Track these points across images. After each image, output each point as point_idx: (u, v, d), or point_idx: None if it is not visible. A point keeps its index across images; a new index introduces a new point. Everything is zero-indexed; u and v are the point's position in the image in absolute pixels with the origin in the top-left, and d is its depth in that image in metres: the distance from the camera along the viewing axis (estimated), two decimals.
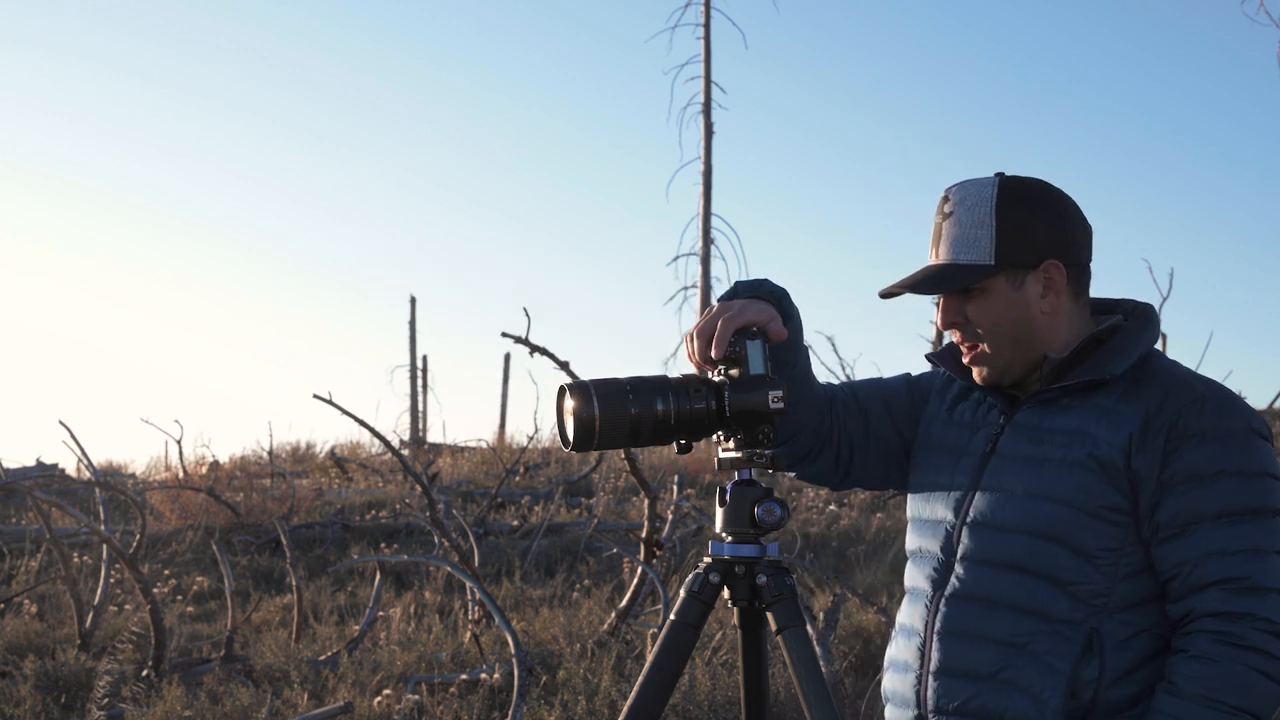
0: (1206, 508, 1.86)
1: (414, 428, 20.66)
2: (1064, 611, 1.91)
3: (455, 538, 6.71)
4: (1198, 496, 1.87)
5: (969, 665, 1.95)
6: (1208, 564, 1.85)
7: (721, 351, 1.89)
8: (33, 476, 9.92)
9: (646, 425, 1.91)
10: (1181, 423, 1.89)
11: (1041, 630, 1.91)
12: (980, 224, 1.97)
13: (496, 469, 13.45)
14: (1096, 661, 1.89)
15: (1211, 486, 1.87)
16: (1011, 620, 1.93)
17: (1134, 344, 1.98)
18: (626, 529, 9.65)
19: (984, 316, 1.99)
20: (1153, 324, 2.03)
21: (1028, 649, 1.91)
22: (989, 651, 1.94)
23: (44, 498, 6.80)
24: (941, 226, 2.02)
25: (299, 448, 16.39)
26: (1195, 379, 1.96)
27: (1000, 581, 1.94)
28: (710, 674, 5.10)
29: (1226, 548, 1.84)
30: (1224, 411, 1.90)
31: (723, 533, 1.96)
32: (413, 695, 5.10)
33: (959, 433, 2.09)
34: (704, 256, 21.14)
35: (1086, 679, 1.89)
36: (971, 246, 1.97)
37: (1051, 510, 1.91)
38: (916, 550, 2.10)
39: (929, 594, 2.02)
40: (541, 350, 5.19)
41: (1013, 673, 1.91)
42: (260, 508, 10.80)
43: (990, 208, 1.98)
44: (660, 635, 1.95)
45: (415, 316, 21.67)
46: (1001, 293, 1.98)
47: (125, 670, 5.81)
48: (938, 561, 2.03)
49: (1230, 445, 1.88)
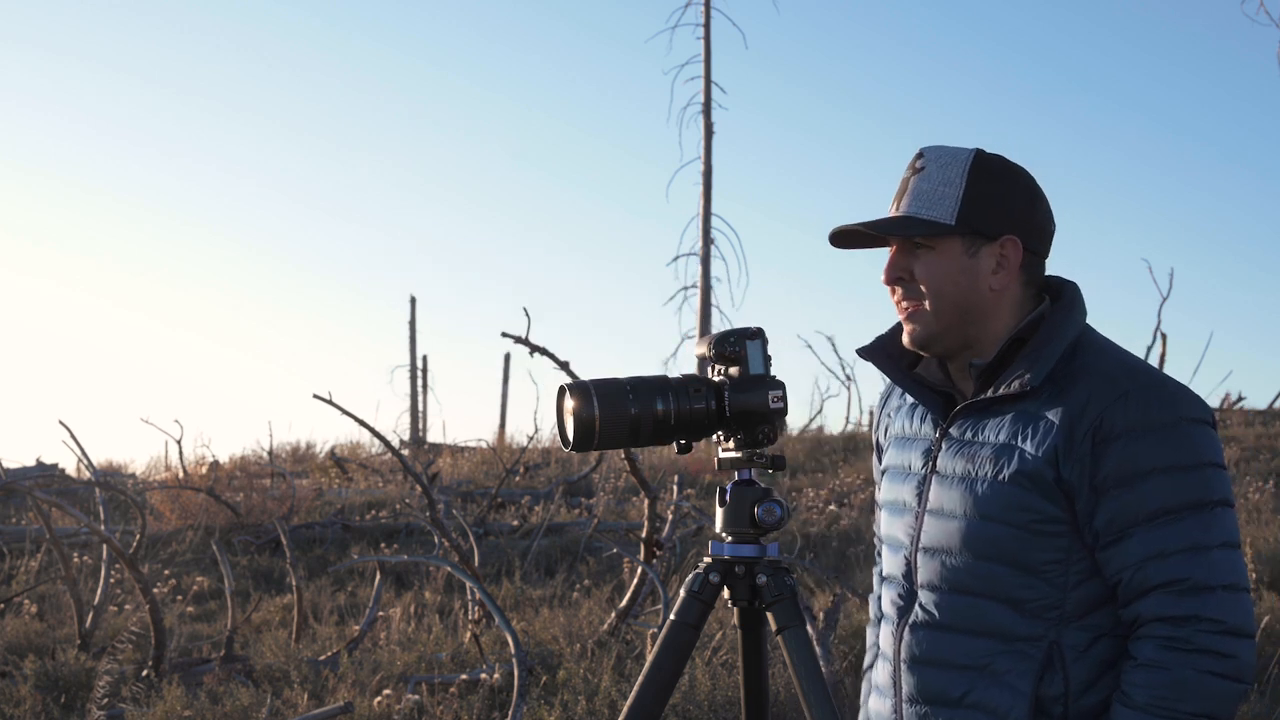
0: (1140, 509, 1.81)
1: (414, 428, 20.66)
2: (1021, 629, 1.88)
3: (455, 538, 6.71)
4: (1131, 499, 1.81)
5: (937, 692, 1.93)
6: (1148, 568, 1.80)
7: None
8: (33, 476, 9.92)
9: (646, 425, 1.91)
10: (1106, 424, 1.82)
11: (1000, 650, 1.89)
12: (949, 183, 1.93)
13: (496, 469, 13.45)
14: (1060, 676, 1.86)
15: (1143, 486, 1.81)
16: (970, 644, 1.90)
17: (1056, 342, 1.91)
18: (626, 529, 9.65)
19: (931, 275, 1.93)
20: (1075, 309, 1.97)
21: (988, 670, 1.89)
22: (953, 677, 1.91)
23: (44, 498, 6.80)
24: (909, 181, 1.97)
25: (299, 448, 16.40)
26: (1119, 370, 1.87)
27: (954, 606, 1.92)
28: (710, 674, 5.10)
29: (1165, 549, 1.79)
30: (1149, 405, 1.83)
31: (723, 533, 1.96)
32: (413, 695, 5.10)
33: (904, 448, 2.05)
34: (704, 256, 21.14)
35: (1053, 695, 1.86)
36: (935, 203, 1.93)
37: (991, 530, 1.87)
38: (886, 575, 2.07)
39: (895, 620, 2.00)
40: (541, 350, 5.19)
41: (977, 696, 1.89)
42: (260, 508, 10.79)
43: (963, 170, 1.94)
44: (660, 635, 1.95)
45: (415, 316, 21.68)
46: (954, 256, 1.93)
47: (125, 670, 5.81)
48: (902, 588, 2.00)
49: (1159, 441, 1.81)
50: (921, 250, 1.94)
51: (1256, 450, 12.09)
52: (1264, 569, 6.77)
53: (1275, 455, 11.81)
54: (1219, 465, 1.84)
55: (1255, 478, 10.36)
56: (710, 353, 1.97)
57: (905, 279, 1.95)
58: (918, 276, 1.94)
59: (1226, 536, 1.82)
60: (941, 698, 1.92)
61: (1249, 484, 9.97)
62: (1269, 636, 5.55)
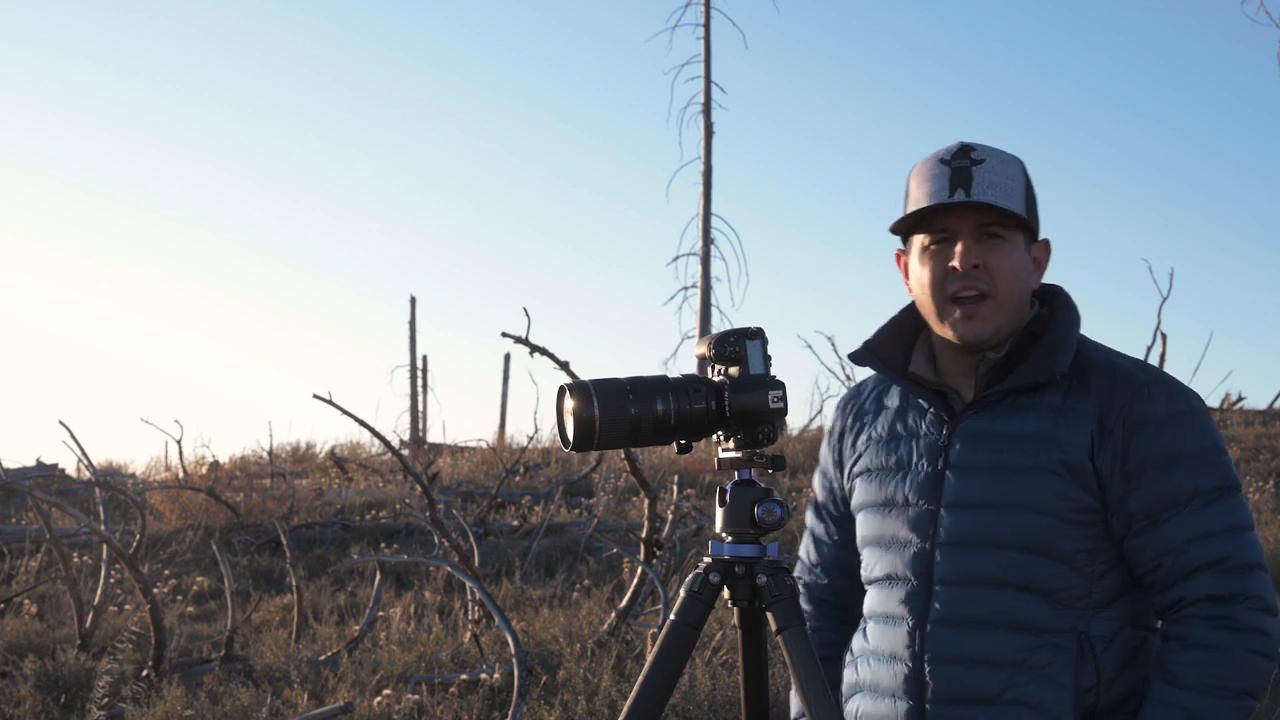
0: (1178, 493, 1.86)
1: (414, 428, 20.66)
2: (1053, 620, 1.89)
3: (455, 538, 6.71)
4: (1166, 483, 1.86)
5: (972, 690, 1.91)
6: (1191, 549, 1.84)
7: None
8: (33, 476, 9.92)
9: (646, 425, 1.90)
10: (1134, 413, 1.88)
11: (1037, 644, 1.89)
12: (1013, 178, 1.94)
13: (496, 469, 13.45)
14: (1092, 666, 1.88)
15: (1176, 471, 1.86)
16: (1006, 638, 1.90)
17: (1070, 335, 1.95)
18: (626, 529, 9.64)
19: (1003, 266, 1.93)
20: (1075, 310, 2.01)
21: (1027, 665, 1.89)
22: (990, 674, 1.91)
23: (44, 498, 6.80)
24: (971, 171, 1.92)
25: (299, 448, 16.39)
26: (1132, 365, 1.95)
27: (988, 600, 1.91)
28: (710, 674, 5.10)
29: (1207, 530, 1.84)
30: (1169, 395, 1.90)
31: (723, 533, 1.96)
32: (413, 695, 5.10)
33: (895, 447, 2.04)
34: (704, 256, 21.13)
35: (1087, 686, 1.88)
36: (1010, 196, 1.93)
37: (1029, 520, 1.89)
38: (885, 576, 2.04)
39: (909, 620, 1.98)
40: (541, 350, 5.18)
41: (1018, 691, 1.89)
42: (260, 508, 10.79)
43: (1020, 168, 1.97)
44: (660, 635, 1.94)
45: (415, 316, 21.68)
46: (1020, 249, 1.96)
47: (125, 670, 5.81)
48: (912, 586, 1.98)
49: (1184, 427, 1.88)
50: (995, 240, 1.94)
51: (1256, 450, 12.08)
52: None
53: (1275, 455, 11.80)
54: (1226, 452, 1.91)
55: (1255, 478, 10.35)
56: (710, 353, 1.97)
57: (979, 267, 1.93)
58: (990, 267, 1.93)
59: (1250, 518, 1.88)
60: (979, 696, 1.91)
61: (1249, 484, 9.96)
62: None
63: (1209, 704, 1.81)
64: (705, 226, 21.24)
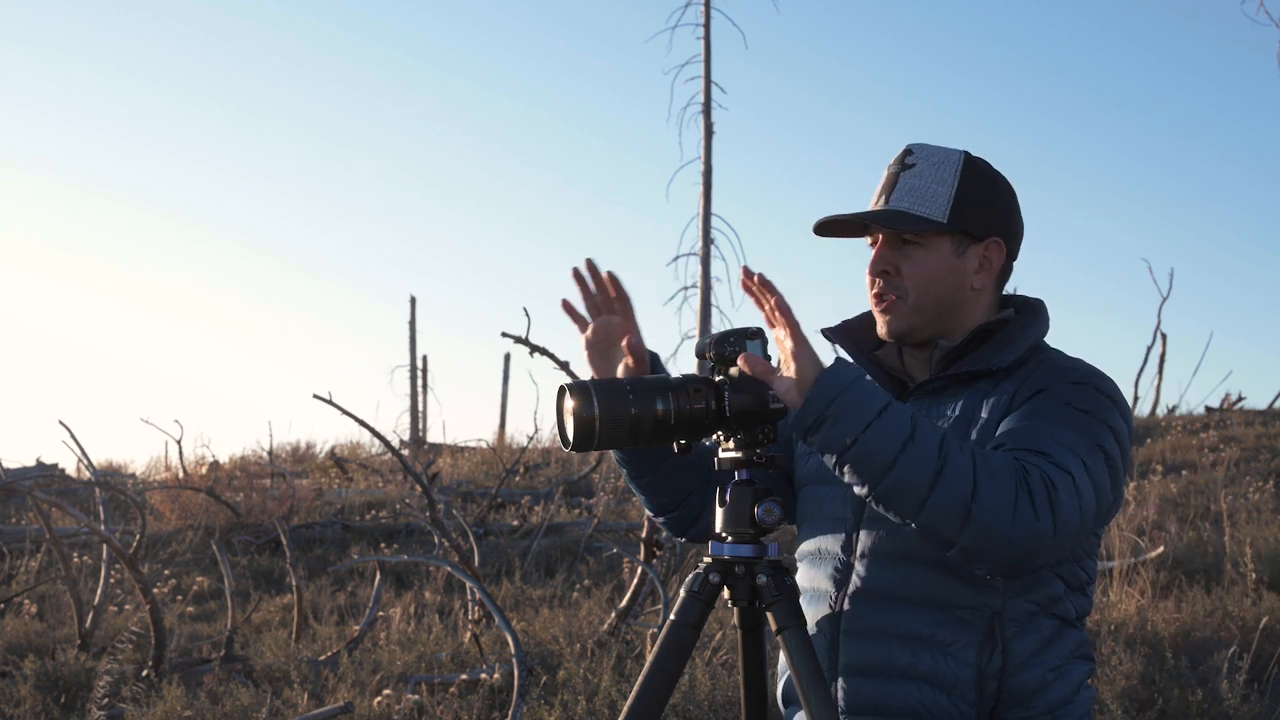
0: (1035, 413, 1.86)
1: (414, 428, 20.66)
2: (966, 598, 1.90)
3: (455, 538, 6.71)
4: (1030, 408, 1.87)
5: (879, 663, 1.94)
6: (1024, 433, 1.83)
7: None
8: (33, 476, 9.92)
9: (646, 425, 1.91)
10: (1043, 383, 1.91)
11: (944, 620, 1.91)
12: (941, 181, 1.98)
13: (496, 469, 13.45)
14: (999, 649, 1.89)
15: (1047, 402, 1.87)
16: (915, 613, 1.92)
17: (1021, 337, 1.99)
18: (626, 529, 9.64)
19: (918, 272, 1.99)
20: (1041, 318, 2.04)
21: (933, 640, 1.91)
22: (897, 648, 1.93)
23: (44, 498, 6.80)
24: (898, 175, 2.00)
25: (299, 448, 16.40)
26: (1073, 364, 1.96)
27: (901, 574, 1.94)
28: (710, 674, 5.10)
29: (1044, 431, 1.82)
30: (1084, 378, 1.91)
31: (722, 533, 1.96)
32: (413, 695, 5.10)
33: None
34: (704, 256, 21.12)
35: (992, 670, 1.89)
36: (928, 200, 1.97)
37: None
38: (815, 551, 2.08)
39: (832, 594, 2.01)
40: (541, 350, 5.19)
41: (924, 667, 1.91)
42: (260, 508, 10.79)
43: (955, 170, 1.98)
44: (660, 635, 1.95)
45: (415, 316, 21.69)
46: (943, 254, 1.99)
47: (125, 670, 5.81)
48: (838, 561, 2.01)
49: (1075, 391, 1.88)
50: (910, 246, 1.99)
51: (1256, 450, 12.07)
52: (1264, 569, 6.75)
53: (1275, 455, 11.79)
54: (1112, 429, 1.86)
55: (1255, 478, 10.33)
56: (710, 353, 1.97)
57: (890, 272, 2.00)
58: (904, 272, 1.99)
59: (1103, 483, 1.81)
60: (882, 670, 1.93)
61: (1249, 484, 9.95)
62: (1269, 636, 5.54)
63: (986, 463, 1.74)
64: (705, 226, 21.24)
